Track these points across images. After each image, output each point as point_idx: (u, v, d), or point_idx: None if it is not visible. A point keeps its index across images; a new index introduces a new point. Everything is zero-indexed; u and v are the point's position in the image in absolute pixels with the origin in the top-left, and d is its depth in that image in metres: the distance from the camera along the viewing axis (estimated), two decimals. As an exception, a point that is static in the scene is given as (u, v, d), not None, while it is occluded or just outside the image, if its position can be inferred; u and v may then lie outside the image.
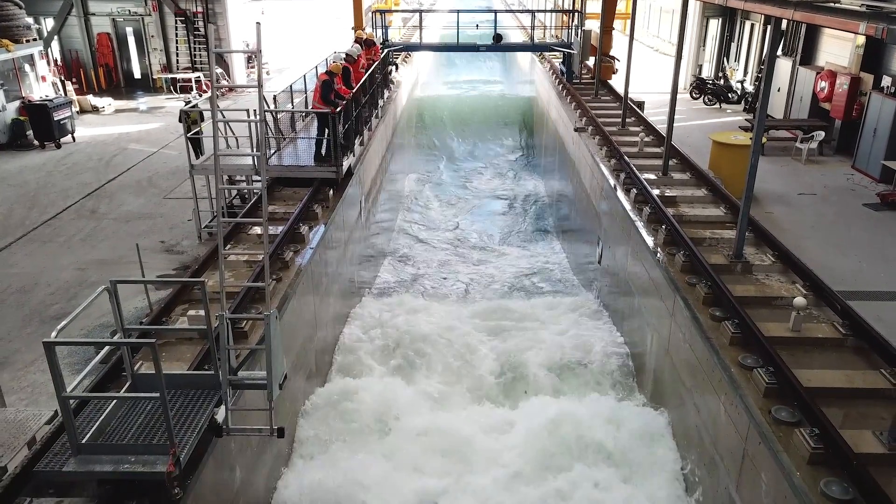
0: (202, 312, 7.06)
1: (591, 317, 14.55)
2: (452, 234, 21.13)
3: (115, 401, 6.14)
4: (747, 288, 9.31)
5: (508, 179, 26.14)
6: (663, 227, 11.06)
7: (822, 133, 18.16)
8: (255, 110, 6.82)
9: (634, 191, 12.81)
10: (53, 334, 5.23)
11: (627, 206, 12.47)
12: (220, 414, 6.29)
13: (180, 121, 17.52)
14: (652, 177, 13.66)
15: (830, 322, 8.39)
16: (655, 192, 12.51)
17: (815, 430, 6.36)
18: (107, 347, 6.48)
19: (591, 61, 23.83)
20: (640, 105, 20.32)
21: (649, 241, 10.97)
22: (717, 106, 24.87)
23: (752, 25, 24.50)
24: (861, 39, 17.34)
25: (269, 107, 13.74)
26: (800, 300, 8.17)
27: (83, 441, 5.59)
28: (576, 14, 25.05)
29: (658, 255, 10.41)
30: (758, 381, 7.23)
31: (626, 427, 10.07)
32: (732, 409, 7.34)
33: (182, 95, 24.78)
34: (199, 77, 28.78)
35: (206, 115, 15.23)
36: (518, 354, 12.71)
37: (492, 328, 13.86)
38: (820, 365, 7.63)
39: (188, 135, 14.17)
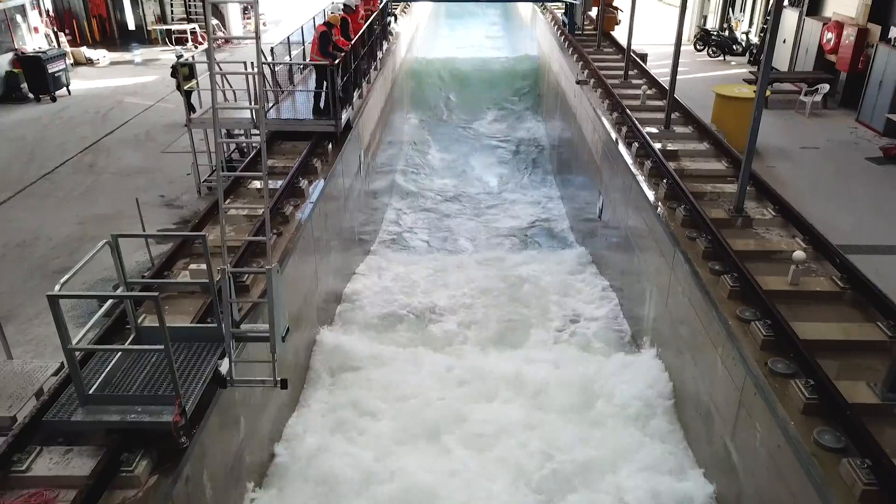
0: (204, 266, 7.11)
1: (591, 272, 14.67)
2: (452, 186, 21.03)
3: (119, 353, 6.22)
4: (747, 242, 9.33)
5: (508, 132, 25.91)
6: (664, 181, 11.02)
7: (828, 86, 17.95)
8: (252, 62, 6.72)
9: (636, 145, 12.72)
10: (57, 288, 5.26)
11: (629, 161, 12.40)
12: (224, 366, 6.38)
13: (173, 76, 17.31)
14: (654, 130, 13.54)
15: (829, 276, 8.43)
16: (657, 145, 12.42)
17: (810, 382, 6.46)
18: (110, 301, 6.52)
19: (593, 12, 23.39)
20: (643, 57, 20.03)
21: (650, 195, 10.95)
22: (721, 58, 24.52)
23: (759, -25, 23.99)
24: (870, -11, 16.98)
25: (266, 59, 13.54)
26: (799, 254, 8.20)
27: (90, 392, 5.68)
28: (579, -37, 24.47)
29: (659, 209, 10.40)
30: (755, 333, 7.31)
31: (626, 377, 10.28)
32: (729, 362, 7.44)
33: (177, 47, 24.44)
34: (194, 28, 28.29)
35: (199, 68, 15.02)
36: (518, 311, 12.87)
37: (491, 287, 13.98)
38: (817, 318, 7.70)
39: (185, 88, 14.01)
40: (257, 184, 11.17)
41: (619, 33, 22.23)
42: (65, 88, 21.95)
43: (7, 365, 7.20)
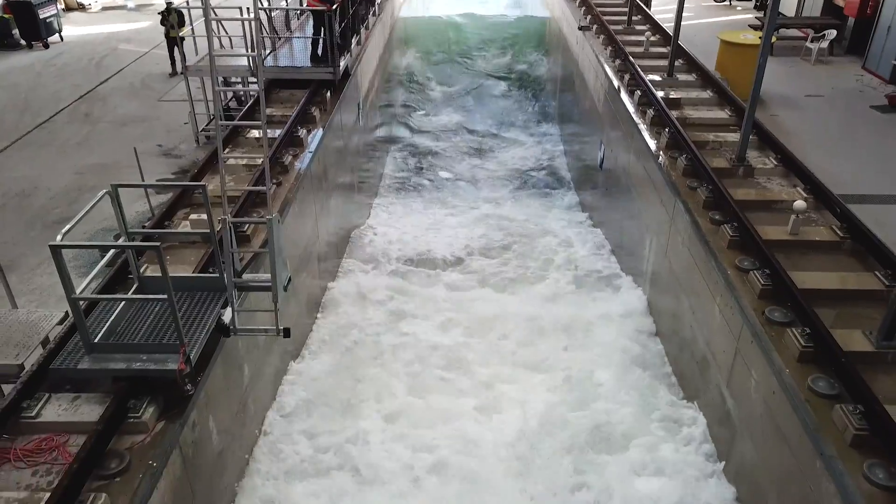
0: (204, 216, 7.11)
1: (591, 221, 14.68)
2: (454, 126, 20.82)
3: (123, 303, 6.27)
4: (748, 192, 9.30)
5: (510, 67, 25.50)
6: (666, 130, 10.92)
7: (835, 32, 17.60)
8: (248, 8, 6.57)
9: (638, 92, 12.55)
10: (59, 238, 5.27)
11: (631, 109, 12.26)
12: (227, 315, 6.44)
13: (162, 23, 16.95)
14: (657, 78, 13.35)
15: (829, 225, 8.44)
16: (660, 93, 12.26)
17: (806, 330, 6.54)
18: (112, 251, 6.54)
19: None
20: (648, 2, 19.58)
21: (652, 144, 10.86)
22: (727, 3, 23.98)
23: (769, -85, 23.25)
24: (882, -70, 16.48)
25: (263, 4, 13.25)
26: (799, 203, 8.19)
27: (95, 341, 5.76)
28: None
29: (660, 158, 10.33)
30: (753, 283, 7.36)
31: (623, 325, 10.44)
32: (727, 310, 7.51)
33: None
34: (187, -28, 27.54)
35: (189, 15, 14.69)
36: (517, 259, 12.95)
37: (491, 234, 14.03)
38: (816, 267, 7.74)
39: (176, 35, 13.73)
40: (256, 133, 11.08)
41: (623, -23, 21.65)
42: (57, 35, 21.52)
43: (12, 314, 7.27)
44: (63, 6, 24.05)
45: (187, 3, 14.91)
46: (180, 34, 14.03)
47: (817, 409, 5.83)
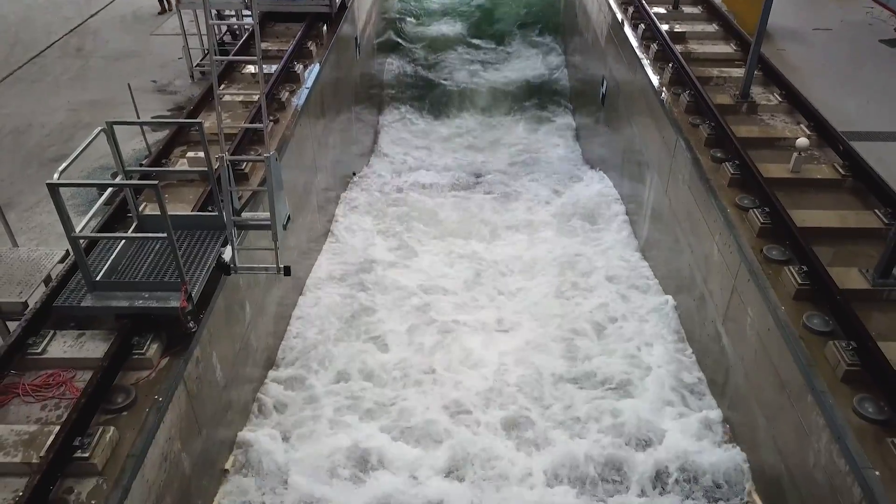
0: (201, 154, 7.04)
1: (590, 162, 14.57)
2: (455, 54, 20.37)
3: (123, 241, 6.28)
4: (751, 129, 9.20)
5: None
6: (670, 65, 10.70)
7: (846, -38, 17.01)
8: (241, -64, 6.34)
9: (642, 26, 12.24)
10: (56, 176, 5.23)
11: (634, 44, 11.98)
12: (227, 253, 6.47)
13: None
14: (662, 11, 13.00)
15: (831, 163, 8.38)
16: (664, 27, 11.96)
17: (803, 268, 6.58)
18: (110, 189, 6.51)
19: None
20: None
21: (655, 80, 10.67)
22: (736, -69, 23.07)
23: None
24: None
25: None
26: (802, 141, 8.10)
27: (97, 279, 5.79)
28: None
29: (663, 94, 10.17)
30: (753, 221, 7.37)
31: (620, 260, 10.55)
32: (725, 249, 7.54)
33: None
34: None
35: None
36: (514, 191, 13.00)
37: (492, 168, 14.00)
38: (816, 206, 7.73)
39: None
40: (251, 68, 10.86)
41: None
42: (44, -36, 20.77)
43: (13, 252, 7.29)
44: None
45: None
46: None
47: (811, 346, 5.93)
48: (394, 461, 7.21)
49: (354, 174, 13.80)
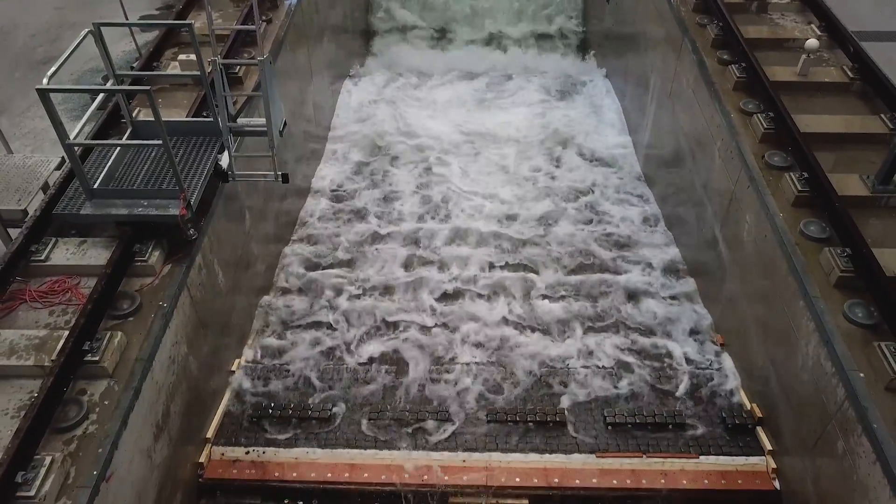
0: (193, 57, 6.85)
1: (593, 61, 14.16)
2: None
3: (118, 148, 6.21)
4: (760, 29, 8.89)
5: None
6: (679, -40, 10.21)
7: None
8: None
9: (652, -83, 11.60)
10: (45, 81, 5.11)
11: (643, -65, 11.38)
12: (224, 160, 6.42)
13: None
14: None
15: (840, 66, 8.16)
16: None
17: (803, 175, 6.54)
18: (102, 94, 6.38)
19: None
20: None
21: (663, -24, 10.21)
22: None
23: None
24: None
25: None
26: (811, 42, 7.85)
27: (95, 187, 5.78)
28: None
29: (670, -8, 9.77)
30: (756, 126, 7.26)
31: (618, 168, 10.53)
32: (726, 154, 7.47)
33: None
34: None
35: None
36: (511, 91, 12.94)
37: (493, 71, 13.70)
38: (822, 110, 7.58)
39: None
40: (241, -36, 10.36)
41: None
42: None
43: (8, 159, 7.24)
44: None
45: None
46: None
47: (806, 252, 5.99)
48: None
49: (351, 74, 13.50)
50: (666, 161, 9.75)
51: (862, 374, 5.09)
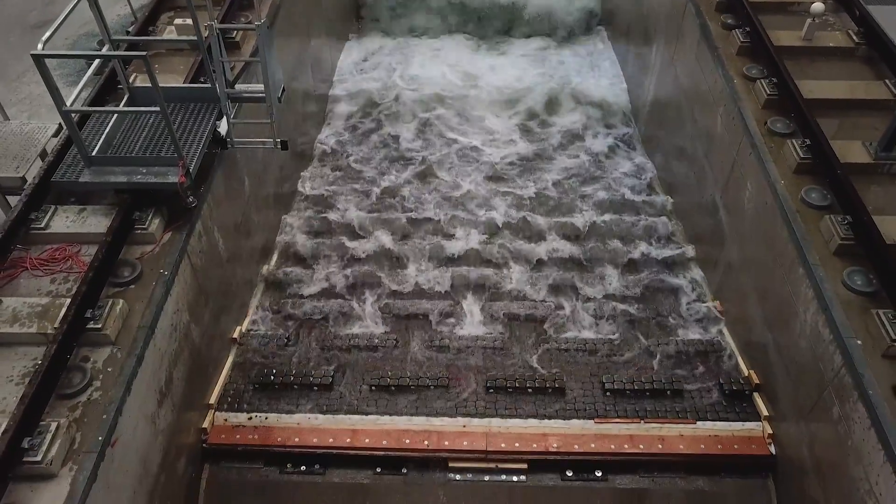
0: (189, 21, 6.75)
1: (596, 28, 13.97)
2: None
3: (116, 115, 6.16)
4: (765, -9, 8.75)
5: None
6: (685, -80, 9.99)
7: None
8: None
9: None
10: (40, 46, 5.04)
11: None
12: (223, 127, 6.37)
13: None
14: None
15: (846, 30, 8.04)
16: None
17: (806, 142, 6.50)
18: (97, 60, 6.30)
19: None
20: None
21: (667, -63, 10.00)
22: None
23: None
24: None
25: None
26: (817, 6, 7.72)
27: (93, 154, 5.75)
28: None
29: (675, -47, 9.58)
30: (759, 92, 7.19)
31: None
32: (729, 121, 7.41)
33: None
34: None
35: None
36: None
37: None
38: (826, 76, 7.50)
39: None
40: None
41: None
42: None
43: (5, 126, 7.18)
44: None
45: None
46: None
47: (807, 220, 5.99)
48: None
49: (350, 36, 13.34)
50: (667, 126, 9.67)
51: (859, 342, 5.12)
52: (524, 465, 6.24)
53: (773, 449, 6.19)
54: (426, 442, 6.29)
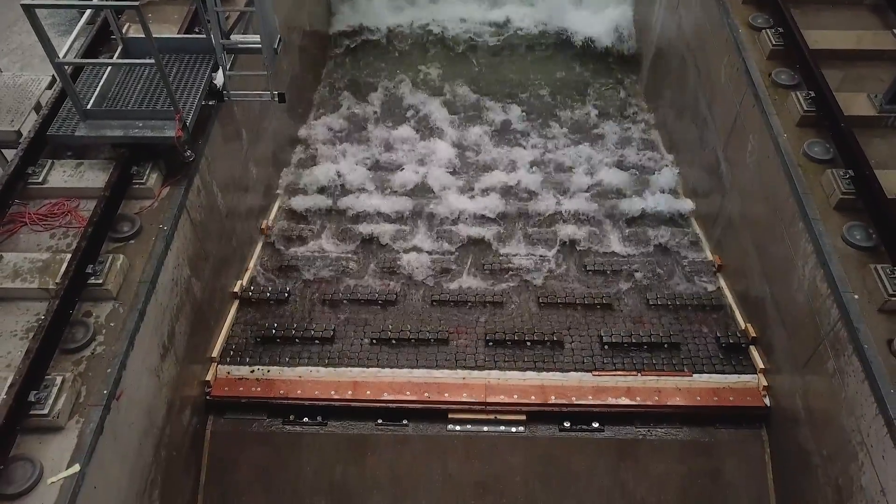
0: (182, -31, 6.58)
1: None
2: None
3: (110, 67, 6.06)
4: (774, -63, 8.49)
5: None
6: None
7: None
8: None
9: None
10: (29, -4, 4.92)
11: None
12: (219, 79, 6.27)
13: None
14: None
15: (854, -23, 7.85)
16: None
17: (810, 94, 6.41)
18: (89, 9, 6.15)
19: None
20: None
21: None
22: None
23: None
24: None
25: None
26: (827, -48, 7.53)
27: (88, 107, 5.67)
28: None
29: None
30: (764, 42, 7.06)
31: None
32: (733, 72, 7.29)
33: None
34: None
35: None
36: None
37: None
38: (833, 25, 7.34)
39: None
40: None
41: None
42: None
43: (-3, 78, 7.08)
44: None
45: None
46: None
47: (808, 174, 5.95)
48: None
49: None
50: (673, 77, 9.53)
51: (856, 296, 5.15)
52: (522, 417, 6.36)
53: (767, 401, 6.30)
54: (426, 394, 6.40)
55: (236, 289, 7.21)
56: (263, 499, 6.19)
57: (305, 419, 6.39)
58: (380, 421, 6.37)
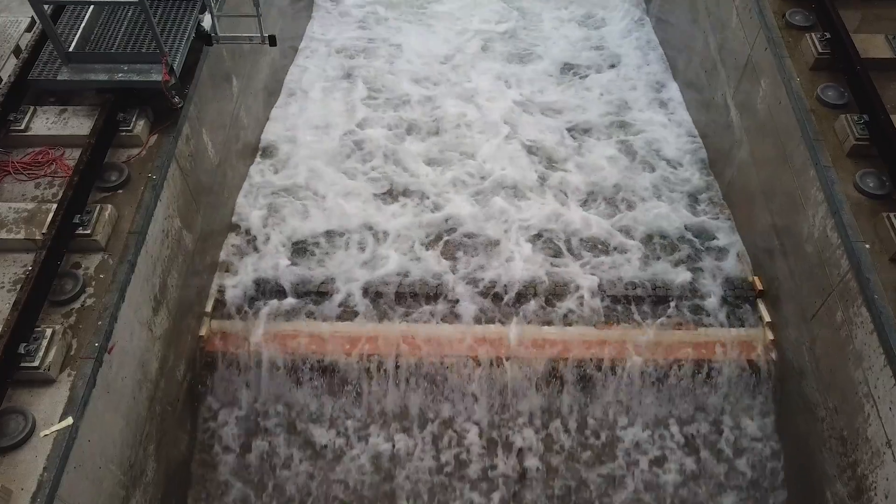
0: None
1: None
2: None
3: (92, 7, 5.77)
4: None
5: None
6: None
7: None
8: None
9: None
10: (2, -70, 4.64)
11: None
12: (207, 21, 5.99)
13: None
14: None
15: (875, -89, 7.45)
16: None
17: (826, 35, 6.13)
18: (67, -54, 5.84)
19: None
20: None
21: None
22: None
23: None
24: None
25: None
26: None
27: (70, 50, 5.42)
28: None
29: None
30: (779, -20, 6.76)
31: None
32: (745, 13, 6.98)
33: None
34: None
35: None
36: None
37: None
38: (850, -38, 7.01)
39: None
40: None
41: None
42: None
43: (-24, 16, 6.77)
44: None
45: None
46: None
47: (821, 119, 5.74)
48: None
49: None
50: (680, 18, 9.18)
51: (867, 246, 5.01)
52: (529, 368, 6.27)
53: (773, 354, 6.20)
54: (424, 349, 6.28)
55: (229, 240, 7.02)
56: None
57: (302, 371, 6.29)
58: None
